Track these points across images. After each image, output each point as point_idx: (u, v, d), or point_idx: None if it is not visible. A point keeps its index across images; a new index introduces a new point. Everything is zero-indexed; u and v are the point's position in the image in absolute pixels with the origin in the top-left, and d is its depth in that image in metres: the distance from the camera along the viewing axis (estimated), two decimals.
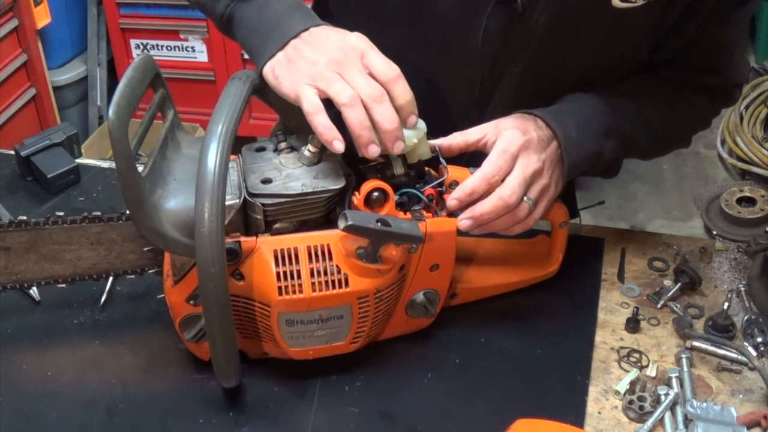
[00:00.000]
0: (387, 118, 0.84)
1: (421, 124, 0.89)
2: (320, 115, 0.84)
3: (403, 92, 0.85)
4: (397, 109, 0.85)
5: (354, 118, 0.83)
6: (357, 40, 0.87)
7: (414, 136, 0.88)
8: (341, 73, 0.85)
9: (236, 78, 0.87)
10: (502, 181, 0.91)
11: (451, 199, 0.91)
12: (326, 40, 0.88)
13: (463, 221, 0.91)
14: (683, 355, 0.95)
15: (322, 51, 0.87)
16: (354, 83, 0.84)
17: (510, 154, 0.91)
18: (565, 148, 0.96)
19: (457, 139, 0.94)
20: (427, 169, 0.93)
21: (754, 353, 0.96)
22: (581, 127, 0.98)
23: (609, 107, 1.02)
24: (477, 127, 0.95)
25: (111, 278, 1.04)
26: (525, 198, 0.92)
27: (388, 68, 0.85)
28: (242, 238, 0.85)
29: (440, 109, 1.07)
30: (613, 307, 1.05)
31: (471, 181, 0.90)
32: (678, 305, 1.04)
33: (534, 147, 0.93)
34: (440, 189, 0.92)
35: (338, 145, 0.84)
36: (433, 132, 0.93)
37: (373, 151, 0.84)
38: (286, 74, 0.88)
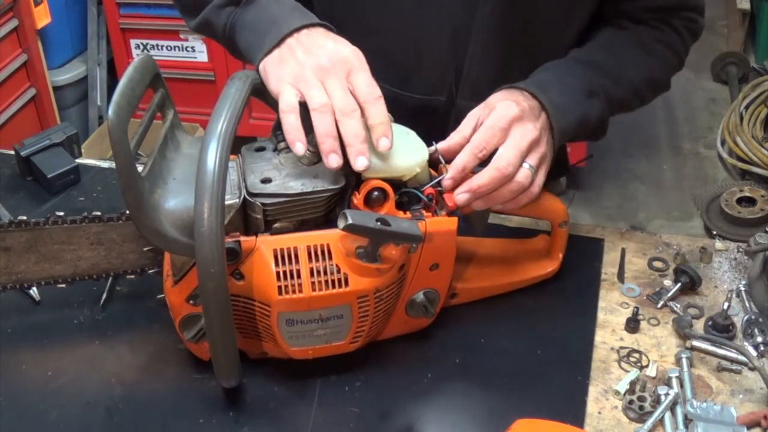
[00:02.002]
0: (352, 132, 0.85)
1: (424, 153, 0.90)
2: (291, 115, 0.86)
3: (378, 113, 0.87)
4: (370, 129, 0.86)
5: (320, 124, 0.85)
6: (350, 54, 0.89)
7: (417, 166, 0.89)
8: (323, 81, 0.87)
9: (236, 78, 0.88)
10: (494, 152, 0.91)
11: (446, 180, 0.91)
12: (322, 46, 0.89)
13: (461, 195, 0.90)
14: (683, 355, 0.95)
15: (313, 56, 0.88)
16: (331, 93, 0.86)
17: (498, 127, 0.91)
18: (553, 116, 0.96)
19: (455, 138, 0.94)
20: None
21: (754, 353, 0.96)
22: (564, 93, 0.99)
23: (588, 69, 1.03)
24: (467, 117, 0.95)
25: (111, 278, 1.05)
26: (525, 165, 0.92)
27: (369, 89, 0.87)
28: (242, 238, 0.85)
29: (418, 68, 1.07)
30: (613, 307, 1.05)
31: (460, 157, 0.91)
32: (678, 305, 1.04)
33: (528, 116, 0.93)
34: (440, 188, 0.92)
35: (299, 147, 0.85)
36: (413, 93, 0.92)
37: (334, 160, 0.85)
38: (274, 71, 0.90)
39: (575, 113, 0.99)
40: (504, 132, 0.91)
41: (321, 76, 0.87)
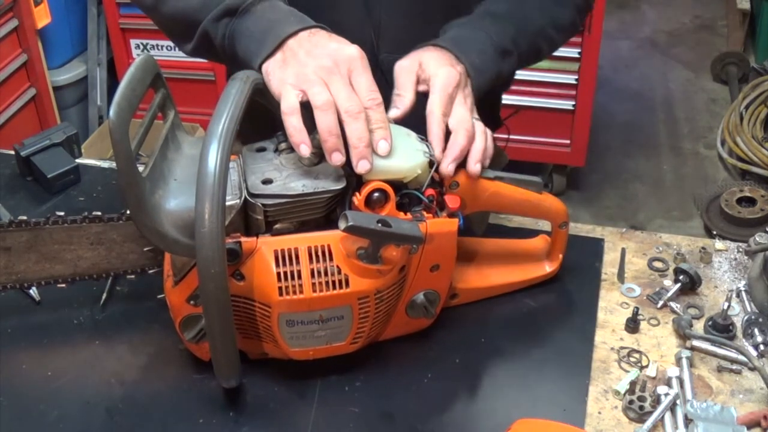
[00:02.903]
0: (357, 134, 0.85)
1: (423, 156, 0.90)
2: (293, 117, 0.86)
3: (380, 118, 0.88)
4: (370, 132, 0.87)
5: (324, 122, 0.85)
6: (353, 53, 0.89)
7: (417, 167, 0.89)
8: (326, 80, 0.87)
9: (237, 78, 0.87)
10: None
11: (447, 165, 0.91)
12: (324, 46, 0.90)
13: (450, 166, 0.91)
14: (683, 355, 0.95)
15: (315, 56, 0.89)
16: (335, 93, 0.86)
17: (448, 94, 0.93)
18: (474, 78, 0.99)
19: (408, 98, 0.95)
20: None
21: (754, 353, 0.96)
22: (481, 54, 1.01)
23: (497, 23, 1.04)
24: (402, 73, 0.96)
25: (111, 278, 1.05)
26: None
27: (372, 94, 0.88)
28: (243, 239, 0.85)
29: (337, 25, 1.07)
30: (613, 307, 1.05)
31: (436, 133, 0.91)
32: (678, 305, 1.04)
33: (465, 81, 0.97)
34: (440, 189, 0.92)
35: (304, 149, 0.85)
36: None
37: (337, 158, 0.86)
38: (276, 72, 0.90)
39: (491, 73, 1.02)
40: (451, 97, 0.94)
41: (324, 75, 0.87)
